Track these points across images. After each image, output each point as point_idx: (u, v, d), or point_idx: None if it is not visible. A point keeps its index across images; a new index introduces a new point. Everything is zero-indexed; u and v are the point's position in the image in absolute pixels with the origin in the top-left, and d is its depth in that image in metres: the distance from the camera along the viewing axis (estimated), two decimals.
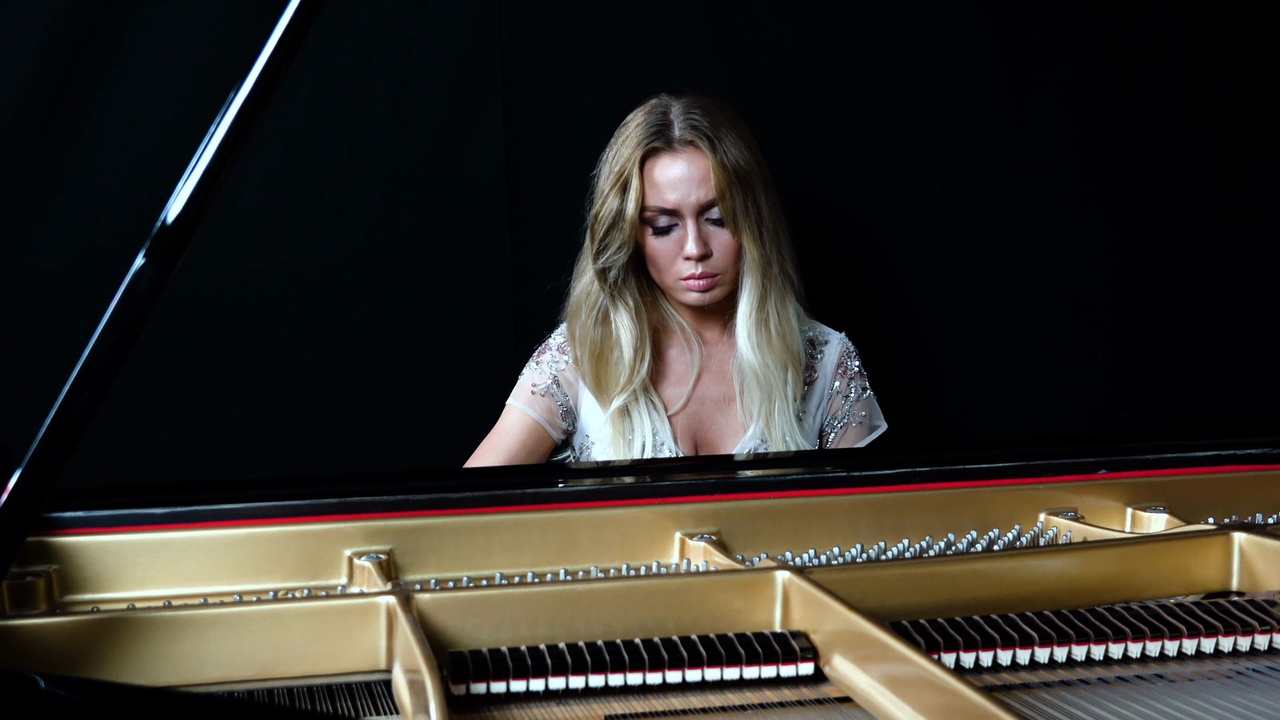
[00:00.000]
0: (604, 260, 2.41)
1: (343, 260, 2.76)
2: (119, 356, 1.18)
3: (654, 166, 2.38)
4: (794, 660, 1.36)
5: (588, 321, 2.43)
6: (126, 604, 1.54)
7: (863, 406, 2.57)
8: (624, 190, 2.37)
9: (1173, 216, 3.10)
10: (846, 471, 1.80)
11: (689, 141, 2.37)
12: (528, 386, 2.49)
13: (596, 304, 2.43)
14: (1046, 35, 3.03)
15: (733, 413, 2.49)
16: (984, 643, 1.38)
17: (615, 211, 2.38)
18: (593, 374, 2.43)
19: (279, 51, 1.29)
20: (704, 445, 2.50)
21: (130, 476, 2.61)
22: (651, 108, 2.41)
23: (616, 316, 2.43)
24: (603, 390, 2.43)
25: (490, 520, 1.68)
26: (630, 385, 2.42)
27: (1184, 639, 1.41)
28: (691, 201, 2.37)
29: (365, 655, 1.37)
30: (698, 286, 2.40)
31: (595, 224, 2.41)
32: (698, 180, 2.37)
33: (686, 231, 2.37)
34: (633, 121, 2.42)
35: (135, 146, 2.64)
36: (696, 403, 2.50)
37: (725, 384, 2.51)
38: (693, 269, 2.38)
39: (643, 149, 2.37)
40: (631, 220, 2.37)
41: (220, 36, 2.64)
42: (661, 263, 2.41)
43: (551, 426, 2.47)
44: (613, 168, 2.39)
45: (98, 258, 2.60)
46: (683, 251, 2.38)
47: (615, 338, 2.42)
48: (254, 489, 1.70)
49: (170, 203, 1.21)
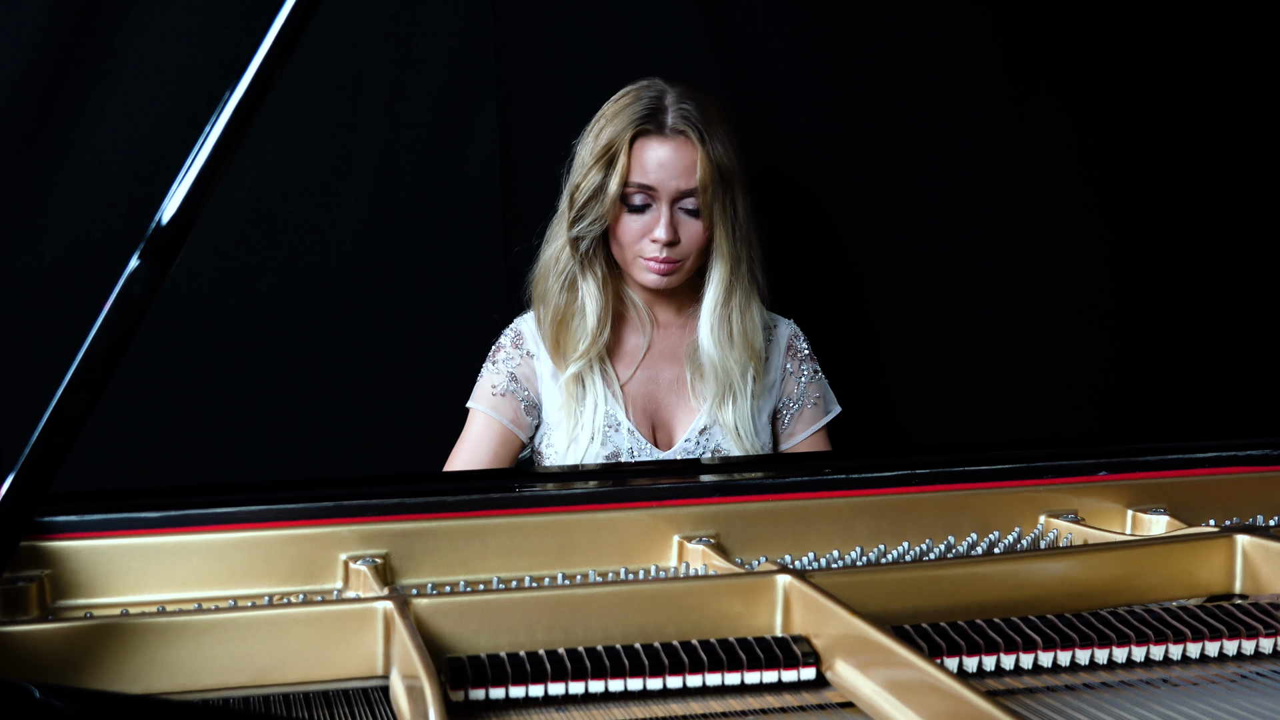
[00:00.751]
0: (579, 229, 2.43)
1: (336, 262, 2.75)
2: (113, 360, 1.17)
3: (642, 146, 2.40)
4: (796, 665, 1.35)
5: (554, 285, 2.46)
6: (119, 609, 1.52)
7: (816, 388, 2.61)
8: (610, 164, 2.40)
9: (1173, 215, 3.10)
10: (845, 474, 1.78)
11: (680, 130, 2.40)
12: (487, 389, 2.50)
13: (565, 270, 2.46)
14: (1042, 35, 3.02)
15: (685, 395, 2.53)
16: (987, 647, 1.37)
17: (597, 184, 2.40)
18: (553, 336, 2.47)
19: (274, 52, 1.28)
20: (660, 426, 2.52)
21: (123, 480, 2.59)
22: (644, 89, 2.44)
23: (583, 284, 2.46)
24: (560, 354, 2.47)
25: (487, 524, 1.66)
26: (591, 351, 2.45)
27: (1188, 643, 1.40)
28: (671, 187, 2.40)
29: (362, 661, 1.36)
30: (658, 269, 2.43)
31: (575, 193, 2.43)
32: (681, 169, 2.40)
33: (660, 214, 2.41)
34: (624, 99, 2.44)
35: (127, 147, 2.62)
36: (650, 383, 2.53)
37: (678, 367, 2.54)
38: (657, 252, 2.42)
39: (634, 128, 2.40)
40: (614, 196, 2.40)
41: (212, 35, 2.63)
42: (626, 239, 2.44)
43: (518, 427, 2.48)
44: (599, 141, 2.41)
45: (91, 259, 2.59)
46: (651, 233, 2.41)
47: (580, 304, 2.46)
48: (248, 492, 1.69)
49: (165, 204, 1.19)
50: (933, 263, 3.02)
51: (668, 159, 2.40)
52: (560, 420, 2.47)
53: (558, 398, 2.48)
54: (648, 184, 2.40)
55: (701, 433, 2.49)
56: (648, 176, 2.39)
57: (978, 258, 3.03)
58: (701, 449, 2.48)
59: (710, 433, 2.49)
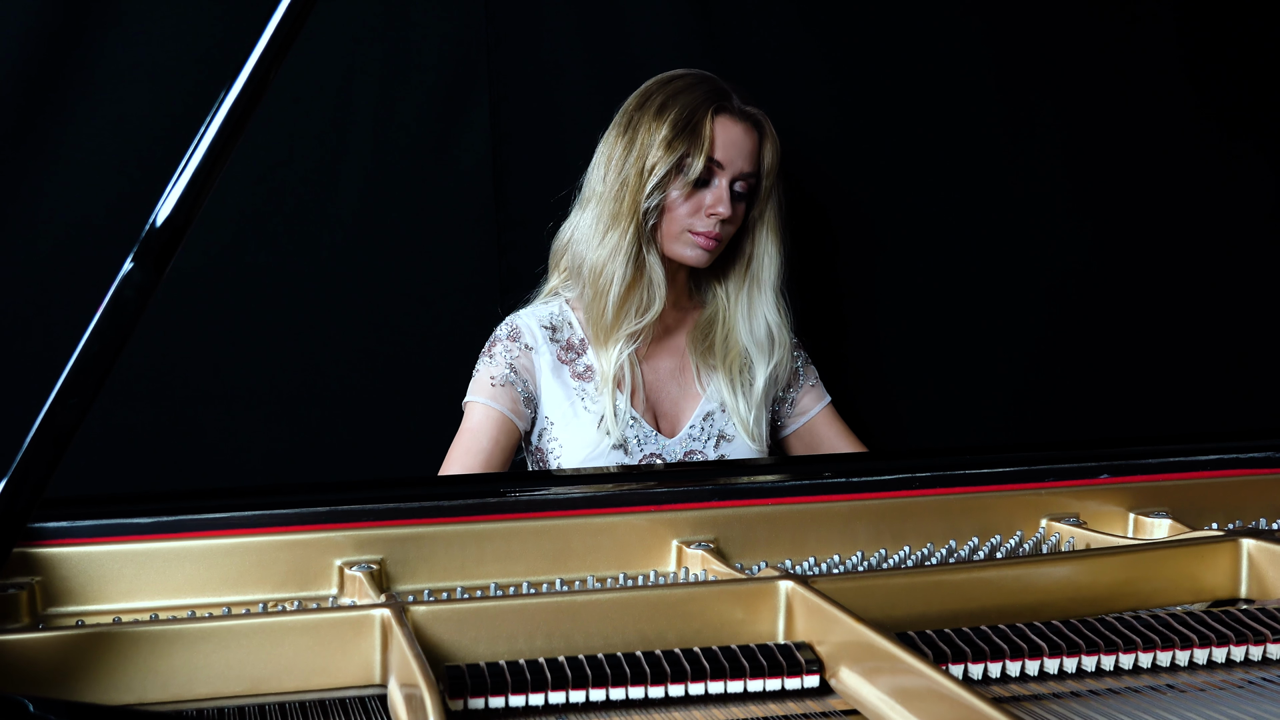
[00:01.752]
0: (653, 201, 2.43)
1: (327, 262, 2.72)
2: (106, 364, 1.15)
3: (719, 123, 2.43)
4: (799, 672, 1.33)
5: (620, 261, 2.43)
6: (111, 616, 1.51)
7: (811, 374, 2.65)
8: (694, 136, 2.41)
9: (1175, 217, 3.09)
10: (845, 477, 1.77)
11: (749, 115, 2.47)
12: (485, 380, 2.47)
13: (631, 246, 2.43)
14: (1036, 38, 3.01)
15: (687, 382, 2.54)
16: (993, 654, 1.35)
17: (681, 156, 2.41)
18: (616, 310, 2.44)
19: (269, 52, 1.26)
20: (663, 415, 2.52)
21: (112, 484, 2.56)
22: (696, 74, 2.48)
23: (649, 256, 2.46)
24: (617, 328, 2.45)
25: (483, 529, 1.65)
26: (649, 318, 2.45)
27: (1195, 649, 1.39)
28: (737, 167, 2.44)
29: (359, 670, 1.34)
30: (706, 245, 2.45)
31: (654, 166, 2.41)
32: (748, 151, 2.45)
33: (721, 191, 2.43)
34: (683, 79, 2.46)
35: (116, 147, 2.59)
36: (651, 372, 2.53)
37: (678, 356, 2.55)
38: (709, 226, 2.44)
39: (714, 103, 2.43)
40: (699, 169, 2.41)
41: (199, 34, 2.60)
42: (682, 211, 2.44)
43: (517, 416, 2.47)
44: (669, 115, 2.42)
45: (81, 261, 2.56)
46: (707, 208, 2.43)
47: (648, 276, 2.45)
48: (241, 497, 1.66)
49: (159, 206, 1.17)
50: (931, 263, 3.00)
51: (739, 138, 2.44)
52: (566, 414, 2.45)
53: (560, 392, 2.46)
54: (719, 160, 2.43)
55: (706, 418, 2.50)
56: (721, 153, 2.43)
57: (977, 258, 3.02)
58: (706, 435, 2.49)
59: (715, 418, 2.50)
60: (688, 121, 2.41)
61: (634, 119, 2.45)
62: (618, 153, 2.45)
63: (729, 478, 1.81)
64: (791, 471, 1.85)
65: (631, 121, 2.46)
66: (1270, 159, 3.10)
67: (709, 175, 2.43)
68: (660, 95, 2.45)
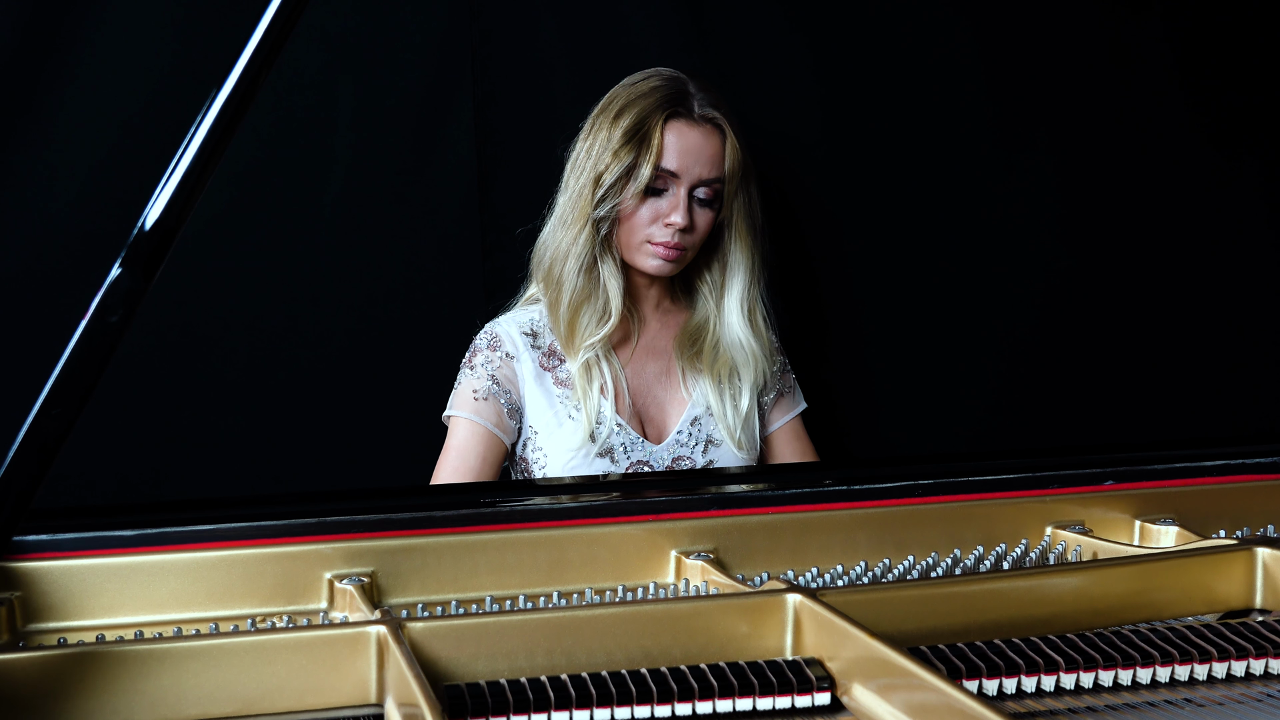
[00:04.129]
0: (603, 210, 2.38)
1: (307, 264, 2.67)
2: (93, 374, 1.10)
3: (673, 129, 2.37)
4: (810, 690, 1.30)
5: (572, 267, 2.39)
6: (94, 632, 1.46)
7: (789, 378, 2.60)
8: (641, 144, 2.36)
9: (1178, 220, 3.05)
10: (846, 485, 1.73)
11: (709, 118, 2.39)
12: (468, 394, 2.41)
13: (584, 253, 2.39)
14: (1026, 40, 2.97)
15: (673, 387, 2.49)
16: (1008, 669, 1.32)
17: (629, 165, 2.36)
18: (569, 321, 2.41)
19: (260, 51, 1.22)
20: (649, 420, 2.47)
21: (95, 497, 2.50)
22: (659, 74, 2.42)
23: (603, 266, 2.41)
24: (573, 340, 2.41)
25: (477, 539, 1.61)
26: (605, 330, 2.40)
27: (1214, 662, 1.36)
28: (694, 174, 2.38)
29: (354, 689, 1.30)
30: (665, 255, 2.39)
31: (602, 174, 2.36)
32: (706, 156, 2.38)
33: (677, 200, 2.37)
34: (644, 83, 2.40)
35: (100, 148, 2.54)
36: (636, 377, 2.48)
37: (663, 359, 2.50)
38: (668, 237, 2.38)
39: (666, 109, 2.37)
40: (647, 178, 2.35)
41: (180, 31, 2.55)
42: (638, 222, 2.39)
43: (502, 431, 2.40)
44: (626, 120, 2.36)
45: (61, 265, 2.51)
46: (664, 217, 2.38)
47: (601, 286, 2.41)
48: (227, 508, 1.63)
49: (148, 209, 1.12)
50: (929, 266, 2.96)
51: (695, 145, 2.37)
52: (549, 423, 2.40)
53: (543, 400, 2.41)
54: (671, 169, 2.37)
55: (693, 423, 2.45)
56: (674, 161, 2.37)
57: (977, 260, 2.97)
58: (694, 440, 2.43)
59: (702, 422, 2.45)
60: (638, 128, 2.36)
61: (596, 123, 2.42)
62: (580, 157, 2.42)
63: (727, 486, 1.78)
64: (791, 479, 1.82)
65: (594, 126, 2.42)
66: (1268, 159, 3.08)
67: (663, 184, 2.37)
68: (621, 99, 2.40)
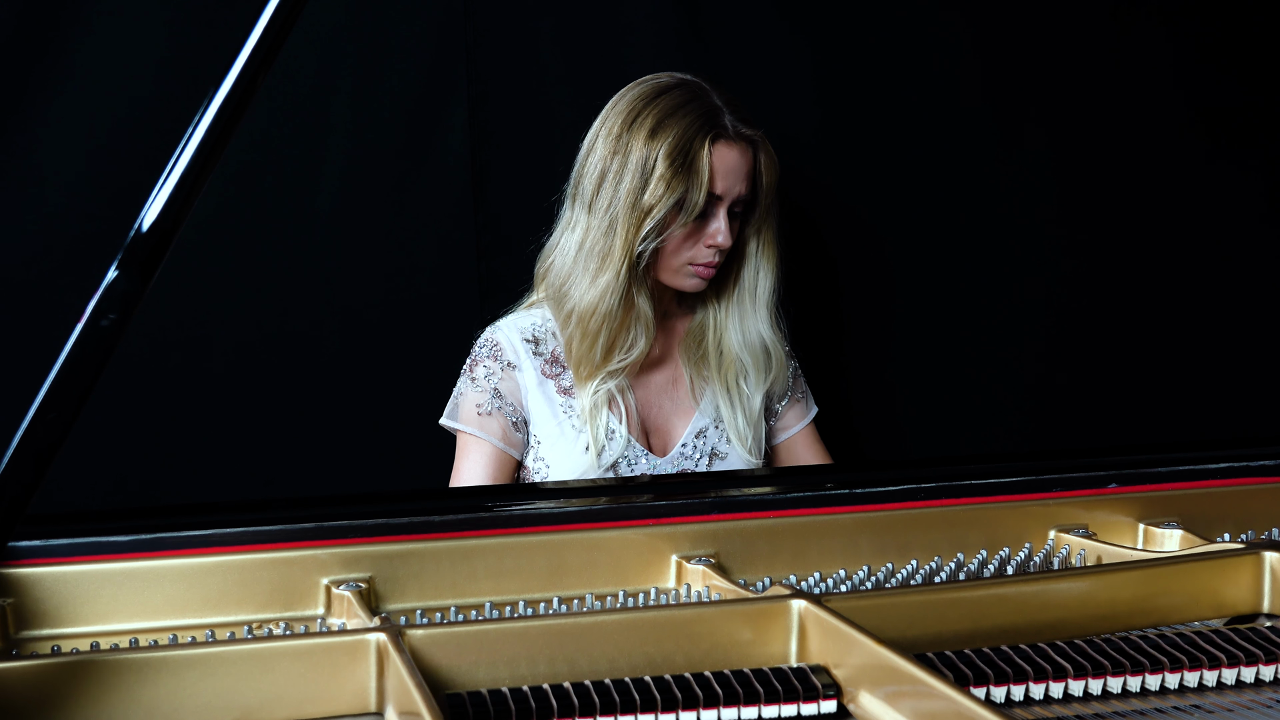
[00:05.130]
0: (650, 244, 2.29)
1: (302, 266, 2.65)
2: (91, 376, 1.08)
3: (718, 152, 2.29)
4: (815, 697, 1.28)
5: (612, 300, 2.29)
6: (88, 639, 1.44)
7: (800, 385, 2.55)
8: (691, 173, 2.26)
9: (1182, 224, 3.04)
10: (849, 488, 1.71)
11: (744, 135, 2.32)
12: (471, 409, 2.35)
13: (623, 286, 2.29)
14: (1025, 40, 2.96)
15: (678, 397, 2.43)
16: (1016, 675, 1.31)
17: (681, 194, 2.26)
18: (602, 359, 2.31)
19: (260, 48, 1.21)
20: (654, 431, 2.42)
21: (88, 502, 2.48)
22: (687, 88, 2.32)
23: (639, 297, 2.33)
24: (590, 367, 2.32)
25: (476, 544, 1.58)
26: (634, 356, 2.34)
27: (1224, 668, 1.34)
28: (735, 192, 2.32)
29: (354, 697, 1.28)
30: (706, 274, 2.35)
31: (653, 203, 2.26)
32: (744, 174, 2.32)
33: (719, 221, 2.31)
34: (671, 98, 2.30)
35: (93, 149, 2.52)
36: (642, 388, 2.42)
37: (670, 369, 2.45)
38: (710, 257, 2.33)
39: (709, 130, 2.28)
40: (699, 206, 2.28)
41: (172, 30, 2.54)
42: (681, 246, 2.32)
43: (511, 445, 2.35)
44: (667, 142, 2.25)
45: (53, 267, 2.48)
46: (705, 238, 2.31)
47: (637, 315, 2.32)
48: (223, 513, 1.59)
49: (145, 210, 1.10)
50: (930, 268, 2.95)
51: (734, 164, 2.30)
52: (552, 433, 2.35)
53: (546, 409, 2.35)
54: (719, 192, 2.30)
55: (699, 435, 2.40)
56: (721, 184, 2.30)
57: (979, 262, 2.96)
58: (699, 453, 2.39)
59: (708, 435, 2.40)
60: (684, 154, 2.26)
61: (625, 140, 2.29)
62: (609, 175, 2.29)
63: (727, 489, 1.76)
64: (792, 482, 1.80)
65: (622, 142, 2.29)
66: (1267, 160, 3.07)
67: (709, 207, 2.31)
68: (650, 115, 2.28)
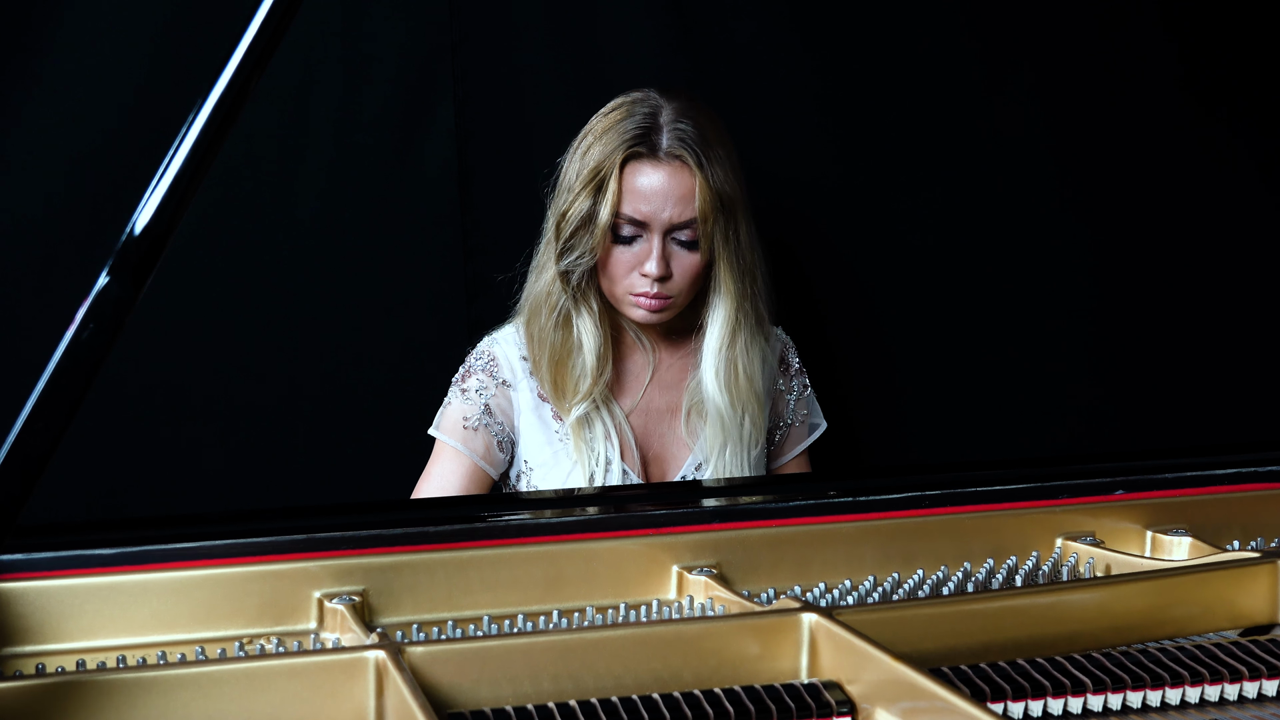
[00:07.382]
0: (568, 262, 2.23)
1: (285, 269, 2.61)
2: (81, 386, 1.04)
3: (634, 172, 2.20)
4: (829, 714, 1.25)
5: (548, 324, 2.26)
6: (73, 656, 1.39)
7: (804, 405, 2.48)
8: (598, 190, 2.19)
9: (1186, 228, 3.02)
10: (852, 497, 1.67)
11: (676, 155, 2.20)
12: (457, 420, 2.30)
13: (558, 305, 2.25)
14: (1024, 37, 2.93)
15: (678, 426, 2.36)
16: (1034, 690, 1.27)
17: (586, 213, 2.20)
18: (551, 379, 2.27)
19: (254, 49, 1.17)
20: (652, 460, 2.36)
21: (72, 513, 2.43)
22: (637, 103, 2.24)
23: (579, 321, 2.26)
24: (561, 396, 2.28)
25: (471, 555, 1.54)
26: (591, 394, 2.27)
27: (1245, 681, 1.31)
28: (664, 218, 2.21)
29: (352, 718, 1.24)
30: (648, 305, 2.24)
31: (562, 223, 2.23)
32: (676, 197, 2.20)
33: (651, 247, 2.21)
34: (614, 115, 2.23)
35: (78, 151, 2.49)
36: (643, 413, 2.36)
37: (674, 394, 2.37)
38: (647, 287, 2.22)
39: (625, 150, 2.19)
40: (604, 227, 2.19)
41: (155, 27, 2.50)
42: (615, 272, 2.24)
43: (489, 464, 2.30)
44: (587, 163, 2.21)
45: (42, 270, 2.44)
46: (641, 267, 2.22)
47: (577, 342, 2.26)
48: (211, 525, 1.56)
49: (136, 214, 1.06)
50: (930, 273, 2.91)
51: (660, 186, 2.19)
52: (546, 460, 2.30)
53: (539, 433, 2.30)
54: (637, 217, 2.20)
55: (698, 469, 2.35)
56: (637, 207, 2.20)
57: (981, 266, 2.93)
58: None
59: (705, 470, 2.34)
60: (596, 172, 2.19)
61: (571, 154, 2.26)
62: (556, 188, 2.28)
63: (728, 498, 1.73)
64: (794, 491, 1.77)
65: (570, 157, 2.26)
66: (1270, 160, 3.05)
67: (634, 230, 2.21)
68: (594, 131, 2.23)
